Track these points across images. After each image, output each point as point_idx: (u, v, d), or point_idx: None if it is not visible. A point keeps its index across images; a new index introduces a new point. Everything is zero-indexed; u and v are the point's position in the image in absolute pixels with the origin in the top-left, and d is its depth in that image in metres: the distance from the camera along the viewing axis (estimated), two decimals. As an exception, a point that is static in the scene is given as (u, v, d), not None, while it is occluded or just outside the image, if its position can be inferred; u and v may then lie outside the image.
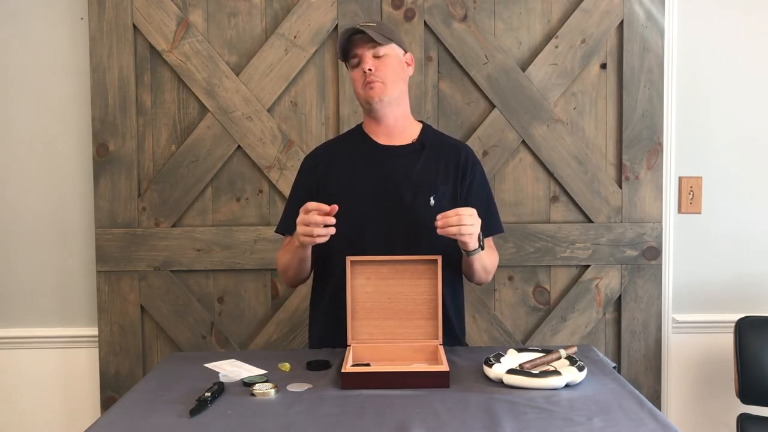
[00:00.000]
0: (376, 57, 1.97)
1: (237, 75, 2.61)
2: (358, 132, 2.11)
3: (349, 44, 2.00)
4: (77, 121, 2.65)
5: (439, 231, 1.81)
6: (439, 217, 1.81)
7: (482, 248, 1.90)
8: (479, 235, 1.88)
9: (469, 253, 1.89)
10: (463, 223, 1.79)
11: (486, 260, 1.98)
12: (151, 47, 2.61)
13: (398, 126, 2.05)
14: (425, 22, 2.61)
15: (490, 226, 2.07)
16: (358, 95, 2.04)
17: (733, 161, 2.72)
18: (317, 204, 1.82)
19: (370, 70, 1.96)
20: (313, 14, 2.60)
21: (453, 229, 1.79)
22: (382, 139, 2.06)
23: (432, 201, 1.99)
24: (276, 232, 2.13)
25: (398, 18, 2.60)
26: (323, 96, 2.65)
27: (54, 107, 2.65)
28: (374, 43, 1.96)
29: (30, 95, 2.64)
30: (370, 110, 2.03)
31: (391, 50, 1.99)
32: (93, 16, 2.58)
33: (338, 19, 2.59)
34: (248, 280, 2.67)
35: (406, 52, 2.05)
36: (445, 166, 2.04)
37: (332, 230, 1.82)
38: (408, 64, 2.06)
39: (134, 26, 2.59)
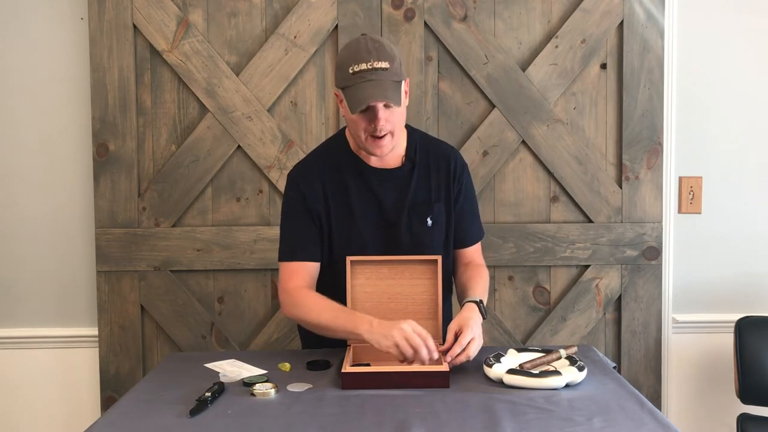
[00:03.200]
0: (387, 107, 1.82)
1: (237, 75, 2.61)
2: (345, 148, 1.99)
3: (362, 94, 1.78)
4: (77, 121, 2.65)
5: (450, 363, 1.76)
6: (448, 359, 1.74)
7: (485, 317, 1.88)
8: (481, 306, 1.87)
9: None
10: (470, 355, 1.76)
11: None
12: (151, 47, 2.61)
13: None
14: (425, 22, 2.61)
15: (476, 233, 2.08)
16: (357, 138, 1.88)
17: (733, 161, 2.72)
18: (425, 335, 1.72)
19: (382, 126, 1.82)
20: (313, 14, 2.60)
21: (462, 358, 1.76)
22: (373, 161, 1.96)
23: (429, 222, 1.97)
24: (280, 261, 1.97)
25: (398, 18, 2.60)
26: (323, 96, 2.65)
27: (54, 107, 2.65)
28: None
29: (30, 95, 2.64)
30: (368, 153, 1.92)
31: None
32: (93, 16, 2.58)
33: (338, 19, 2.59)
34: (248, 280, 2.67)
35: (405, 79, 1.88)
36: (437, 181, 1.99)
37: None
38: (406, 93, 1.89)
39: (134, 26, 2.59)
